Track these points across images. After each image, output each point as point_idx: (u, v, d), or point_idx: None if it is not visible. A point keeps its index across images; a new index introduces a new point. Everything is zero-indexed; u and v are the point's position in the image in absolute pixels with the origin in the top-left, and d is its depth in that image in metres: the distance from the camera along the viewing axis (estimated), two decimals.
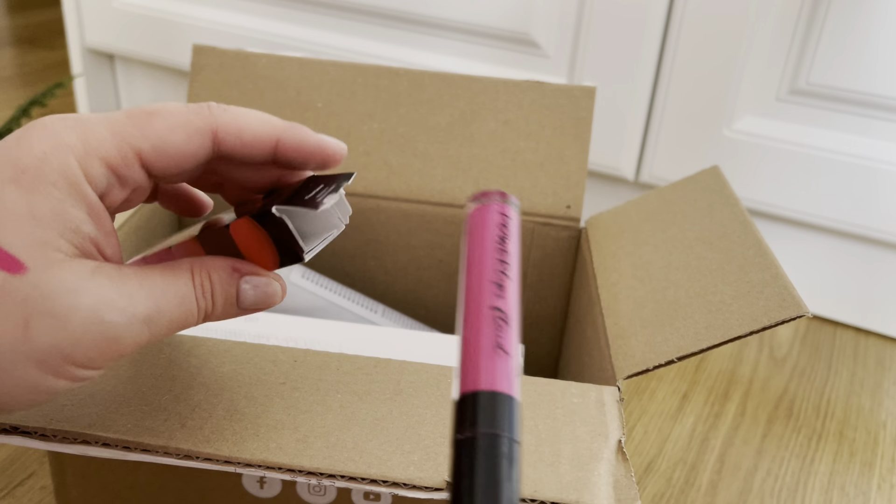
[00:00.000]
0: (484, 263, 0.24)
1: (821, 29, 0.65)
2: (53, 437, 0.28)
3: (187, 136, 0.26)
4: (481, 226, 0.25)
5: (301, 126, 0.28)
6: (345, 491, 0.34)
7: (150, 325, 0.25)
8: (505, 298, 0.23)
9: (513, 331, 0.22)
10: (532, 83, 0.50)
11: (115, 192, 0.26)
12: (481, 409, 0.20)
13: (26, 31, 1.38)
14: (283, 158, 0.28)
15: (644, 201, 0.47)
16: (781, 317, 0.32)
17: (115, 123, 0.25)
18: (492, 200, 0.26)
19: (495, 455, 0.19)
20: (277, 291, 0.28)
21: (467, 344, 0.22)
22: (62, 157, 0.24)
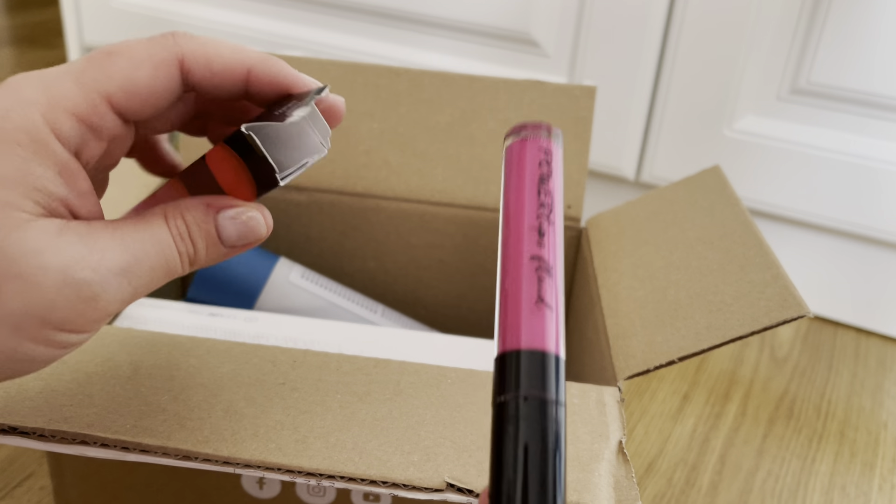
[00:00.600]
0: (523, 207, 0.21)
1: (822, 28, 0.65)
2: (52, 438, 0.28)
3: (154, 70, 0.24)
4: (520, 164, 0.22)
5: (277, 59, 0.26)
6: (344, 492, 0.34)
7: (128, 276, 0.23)
8: (546, 247, 0.21)
9: (556, 282, 0.20)
10: (532, 83, 0.50)
11: (91, 146, 0.24)
12: (525, 369, 0.19)
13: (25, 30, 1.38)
14: (257, 91, 0.26)
15: (645, 201, 0.47)
16: (782, 317, 0.32)
17: (78, 72, 0.24)
18: (532, 134, 0.23)
19: (543, 419, 0.18)
20: (259, 220, 0.26)
21: (506, 297, 0.20)
22: (26, 113, 0.23)
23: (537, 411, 0.18)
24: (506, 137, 0.23)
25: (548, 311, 0.20)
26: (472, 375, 0.33)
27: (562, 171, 0.22)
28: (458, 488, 0.27)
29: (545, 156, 0.22)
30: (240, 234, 0.26)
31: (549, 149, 0.23)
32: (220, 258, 0.26)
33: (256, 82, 0.26)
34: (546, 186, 0.22)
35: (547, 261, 0.20)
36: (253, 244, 0.27)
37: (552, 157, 0.22)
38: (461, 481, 0.27)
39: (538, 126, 0.23)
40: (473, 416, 0.30)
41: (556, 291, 0.20)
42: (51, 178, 0.23)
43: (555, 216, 0.21)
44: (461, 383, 0.32)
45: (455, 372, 0.33)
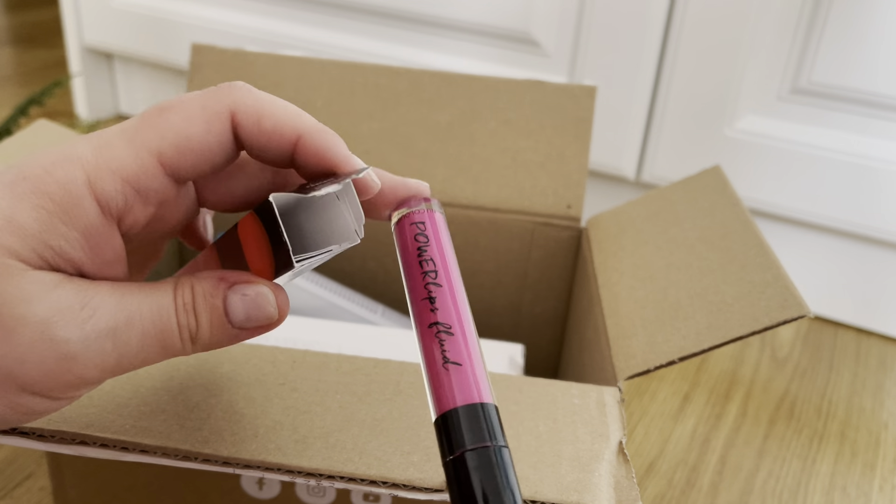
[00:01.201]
0: (412, 283, 0.23)
1: (822, 27, 0.65)
2: (51, 438, 0.28)
3: (206, 123, 0.23)
4: (401, 246, 0.24)
5: (333, 134, 0.24)
6: (344, 492, 0.34)
7: (114, 339, 0.21)
8: (440, 309, 0.22)
9: (459, 338, 0.22)
10: (532, 82, 0.50)
11: (136, 210, 0.23)
12: (455, 428, 0.20)
13: (24, 29, 1.38)
14: (303, 161, 0.24)
15: (645, 201, 0.47)
16: (783, 317, 0.32)
17: (128, 129, 0.22)
18: (402, 212, 0.25)
19: (487, 466, 0.20)
20: (268, 298, 0.24)
21: (425, 366, 0.22)
22: (69, 168, 0.21)
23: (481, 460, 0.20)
24: (393, 215, 0.25)
25: (459, 367, 0.21)
26: None
27: (440, 230, 0.24)
28: None
29: (418, 228, 0.24)
30: (248, 313, 0.23)
31: (421, 220, 0.24)
32: (228, 339, 0.24)
33: (304, 151, 0.24)
34: (425, 255, 0.23)
35: (445, 322, 0.22)
36: (264, 328, 0.24)
37: (425, 226, 0.24)
38: None
39: (406, 203, 0.25)
40: None
41: (461, 346, 0.22)
42: (70, 238, 0.21)
43: (441, 276, 0.23)
44: None
45: None
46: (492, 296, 0.53)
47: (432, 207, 0.25)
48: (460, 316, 0.22)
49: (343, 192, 0.24)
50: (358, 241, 0.25)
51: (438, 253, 0.24)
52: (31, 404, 0.22)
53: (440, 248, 0.24)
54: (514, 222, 0.49)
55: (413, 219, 0.24)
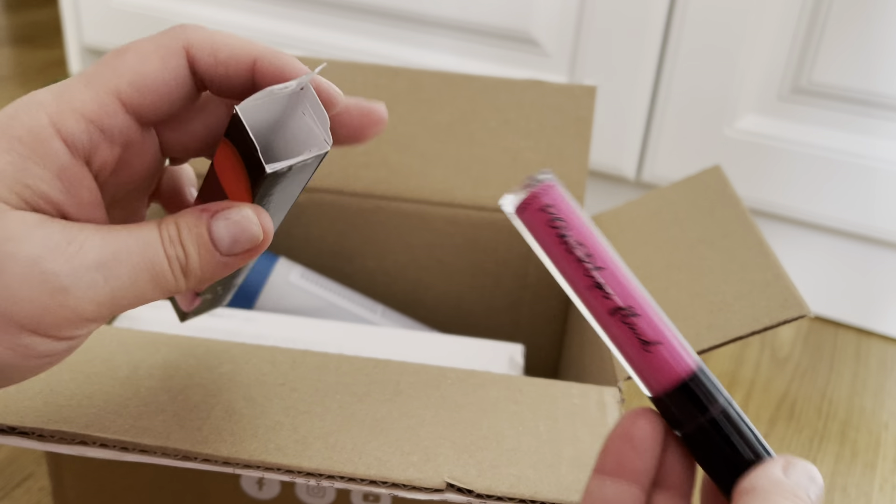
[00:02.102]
0: (570, 276, 0.22)
1: (823, 27, 0.65)
2: (51, 438, 0.28)
3: (162, 60, 0.23)
4: (536, 238, 0.22)
5: (286, 53, 0.25)
6: (344, 492, 0.34)
7: (105, 272, 0.22)
8: (613, 293, 0.21)
9: (644, 317, 0.21)
10: (532, 82, 0.50)
11: (102, 150, 0.23)
12: (676, 403, 0.21)
13: (24, 29, 1.38)
14: (263, 84, 0.25)
15: (645, 201, 0.47)
16: (783, 317, 0.32)
17: (88, 73, 0.23)
18: (520, 197, 0.22)
19: (731, 424, 0.21)
20: (251, 218, 0.24)
21: (621, 352, 0.22)
22: (33, 112, 0.22)
23: (724, 421, 0.21)
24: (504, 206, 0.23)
25: (658, 346, 0.21)
26: (472, 375, 0.32)
27: (571, 202, 0.22)
28: (458, 488, 0.27)
29: (550, 213, 0.22)
30: (232, 236, 0.24)
31: (549, 202, 0.22)
32: (219, 268, 0.24)
33: (262, 73, 0.25)
34: (570, 241, 0.21)
35: (625, 305, 0.21)
36: (251, 252, 0.24)
37: (557, 208, 0.22)
38: (461, 481, 0.27)
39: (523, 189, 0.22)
40: (473, 417, 0.30)
41: (652, 323, 0.21)
42: (45, 178, 0.22)
43: (598, 257, 0.21)
44: (461, 383, 0.32)
45: (455, 372, 0.33)
46: (492, 296, 0.53)
47: (550, 179, 0.22)
48: (635, 291, 0.21)
49: (305, 100, 0.24)
50: (328, 148, 0.24)
51: (583, 232, 0.22)
52: (33, 344, 0.22)
53: (582, 226, 0.22)
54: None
55: (539, 203, 0.22)
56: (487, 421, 0.30)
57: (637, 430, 0.21)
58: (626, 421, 0.22)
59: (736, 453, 0.21)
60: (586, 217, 0.22)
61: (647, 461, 0.21)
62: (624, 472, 0.21)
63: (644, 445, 0.21)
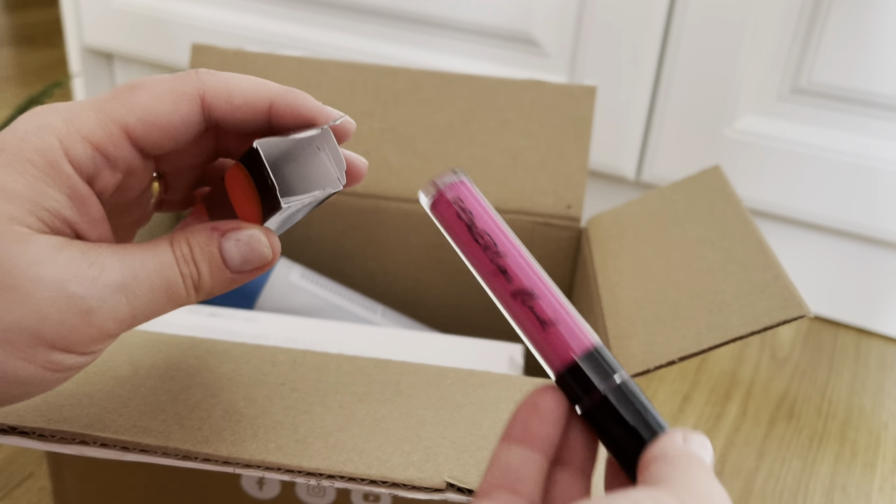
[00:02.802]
0: (475, 260, 0.24)
1: (822, 27, 0.65)
2: (51, 438, 0.28)
3: (174, 104, 0.24)
4: (446, 228, 0.24)
5: (300, 92, 0.26)
6: (344, 492, 0.34)
7: (126, 294, 0.23)
8: (515, 277, 0.23)
9: (544, 298, 0.23)
10: (532, 82, 0.50)
11: (105, 175, 0.24)
12: (580, 377, 0.22)
13: (24, 30, 1.38)
14: (280, 125, 0.26)
15: (645, 201, 0.47)
16: (783, 317, 0.32)
17: (99, 101, 0.24)
18: (432, 193, 0.24)
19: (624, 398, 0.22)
20: (261, 240, 0.25)
21: (523, 333, 0.23)
22: (43, 135, 0.23)
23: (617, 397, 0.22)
24: (421, 200, 0.25)
25: (554, 325, 0.23)
26: (472, 375, 0.32)
27: (478, 195, 0.24)
28: (458, 488, 0.27)
29: (458, 206, 0.24)
30: (243, 256, 0.25)
31: (456, 196, 0.24)
32: (229, 284, 0.26)
33: (279, 115, 0.26)
34: (476, 230, 0.24)
35: (524, 288, 0.23)
36: (260, 269, 0.26)
37: (464, 202, 0.24)
38: (461, 481, 0.27)
39: (433, 184, 0.24)
40: (473, 416, 0.30)
41: (550, 303, 0.23)
42: (59, 199, 0.23)
43: (501, 245, 0.23)
44: (461, 383, 0.32)
45: (455, 372, 0.33)
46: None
47: (459, 176, 0.25)
48: (536, 275, 0.23)
49: (322, 139, 0.26)
50: (340, 187, 0.26)
51: (487, 223, 0.24)
52: (61, 360, 0.23)
53: (487, 216, 0.24)
54: (514, 222, 0.49)
55: (448, 197, 0.24)
56: (487, 421, 0.30)
57: (543, 400, 0.23)
58: (534, 394, 0.23)
59: (632, 428, 0.22)
60: (492, 210, 0.24)
61: (550, 429, 0.22)
62: (529, 438, 0.22)
63: (549, 416, 0.22)
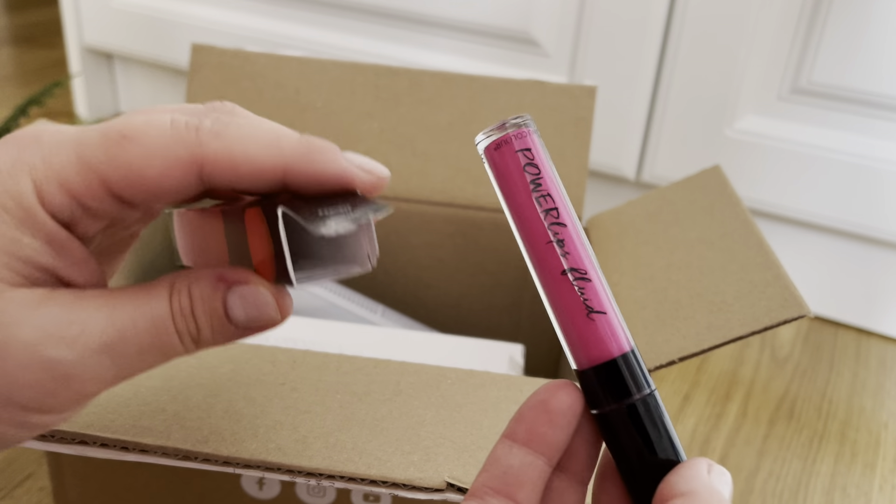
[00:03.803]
0: (528, 224, 0.21)
1: (822, 27, 0.65)
2: (51, 438, 0.28)
3: (164, 168, 0.21)
4: (503, 180, 0.21)
5: (320, 149, 0.22)
6: (344, 492, 0.34)
7: (111, 355, 0.21)
8: (571, 253, 0.20)
9: (596, 283, 0.20)
10: (532, 82, 0.50)
11: (85, 222, 0.22)
12: (612, 379, 0.20)
13: (24, 30, 1.38)
14: (297, 189, 0.23)
15: (645, 201, 0.47)
16: (783, 317, 0.32)
17: (85, 144, 0.21)
18: (494, 136, 0.21)
19: (650, 412, 0.20)
20: (269, 303, 0.23)
21: (560, 317, 0.21)
22: (18, 177, 0.21)
23: (634, 412, 0.20)
24: (477, 142, 0.21)
25: (602, 316, 0.20)
26: (472, 375, 0.32)
27: (547, 158, 0.21)
28: (458, 488, 0.27)
29: (526, 157, 0.21)
30: (248, 314, 0.23)
31: (527, 146, 0.21)
32: (230, 338, 0.23)
33: (296, 182, 0.22)
34: (540, 190, 0.20)
35: (578, 267, 0.20)
36: (266, 328, 0.23)
37: (533, 153, 0.21)
38: (461, 481, 0.27)
39: (500, 127, 0.21)
40: (473, 416, 0.30)
41: (601, 291, 0.20)
42: (36, 248, 0.21)
43: (563, 214, 0.20)
44: (461, 383, 0.32)
45: (455, 372, 0.33)
46: (492, 296, 0.53)
47: (529, 125, 0.21)
48: (591, 257, 0.21)
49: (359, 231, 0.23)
50: (369, 268, 0.24)
51: (553, 185, 0.20)
52: (36, 421, 0.21)
53: (553, 179, 0.21)
54: None
55: (517, 145, 0.20)
56: (487, 421, 0.30)
57: (555, 402, 0.20)
58: (545, 391, 0.21)
59: (650, 444, 0.20)
60: (557, 174, 0.21)
61: (559, 435, 0.21)
62: (534, 442, 0.20)
63: (560, 419, 0.20)
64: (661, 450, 0.20)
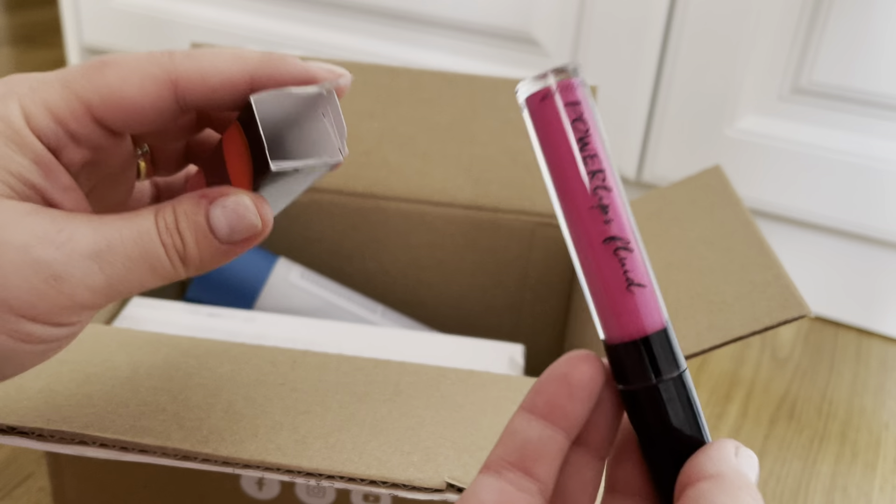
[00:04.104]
0: (572, 190, 0.19)
1: (823, 27, 0.65)
2: (51, 438, 0.28)
3: (141, 87, 0.23)
4: (548, 137, 0.19)
5: (281, 56, 0.24)
6: (344, 492, 0.34)
7: (100, 262, 0.22)
8: (614, 220, 0.19)
9: (637, 255, 0.19)
10: None
11: (70, 149, 0.23)
12: (647, 355, 0.19)
13: (24, 29, 1.38)
14: None
15: (646, 201, 0.47)
16: (783, 317, 0.32)
17: (67, 74, 0.23)
18: (551, 88, 0.19)
19: (681, 392, 0.19)
20: (248, 207, 0.24)
21: (595, 287, 0.19)
22: (7, 102, 0.22)
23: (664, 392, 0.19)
24: (520, 95, 0.19)
25: (641, 289, 0.19)
26: (472, 375, 0.32)
27: (596, 114, 0.19)
28: (458, 488, 0.27)
29: (576, 112, 0.18)
30: (231, 224, 0.24)
31: (576, 100, 0.18)
32: (218, 256, 0.24)
33: (262, 87, 0.24)
34: (588, 150, 0.19)
35: (622, 236, 0.19)
36: (251, 240, 0.24)
37: (582, 109, 0.19)
38: (461, 481, 0.27)
39: (554, 73, 0.19)
40: (473, 416, 0.30)
41: (641, 263, 0.19)
42: (26, 166, 0.22)
43: (608, 178, 0.19)
44: (461, 383, 0.32)
45: (455, 372, 0.33)
46: (492, 296, 0.53)
47: (580, 73, 0.19)
48: (633, 227, 0.19)
49: (326, 102, 0.24)
50: (341, 158, 0.24)
51: (601, 145, 0.19)
52: (31, 330, 0.22)
53: (601, 139, 0.19)
54: (514, 222, 0.49)
55: (565, 97, 0.18)
56: (487, 421, 0.30)
57: (577, 374, 0.20)
58: (567, 363, 0.20)
59: (678, 424, 0.20)
60: (604, 131, 0.19)
61: (579, 409, 0.20)
62: (554, 415, 0.20)
63: (581, 393, 0.20)
64: (689, 430, 0.20)
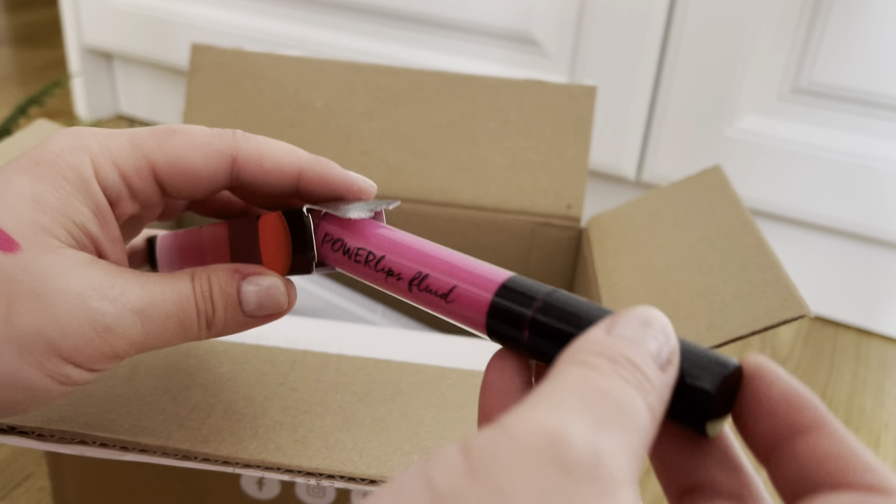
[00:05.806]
0: (370, 278, 0.25)
1: (823, 27, 0.65)
2: (51, 438, 0.28)
3: (205, 157, 0.26)
4: (337, 264, 0.25)
5: (327, 160, 0.27)
6: (344, 492, 0.34)
7: (142, 317, 0.24)
8: (400, 272, 0.24)
9: (433, 275, 0.23)
10: (533, 82, 0.50)
11: (125, 203, 0.26)
12: (502, 326, 0.21)
13: (24, 29, 1.38)
14: (306, 192, 0.27)
15: (645, 201, 0.47)
16: (783, 317, 0.32)
17: (136, 136, 0.25)
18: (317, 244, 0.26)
19: (557, 310, 0.20)
20: (280, 290, 0.26)
21: (440, 315, 0.23)
22: (78, 154, 0.24)
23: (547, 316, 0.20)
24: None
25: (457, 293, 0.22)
26: (472, 375, 0.32)
27: (344, 223, 0.26)
28: None
29: (329, 242, 0.26)
30: (260, 302, 0.26)
31: (324, 235, 0.26)
32: (241, 326, 0.26)
33: (307, 183, 0.27)
34: (350, 252, 0.25)
35: (412, 276, 0.23)
36: (274, 316, 0.27)
37: (331, 234, 0.26)
38: None
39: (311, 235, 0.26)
40: (473, 416, 0.30)
41: (441, 277, 0.23)
42: (87, 215, 0.24)
43: (374, 252, 0.24)
44: (461, 383, 0.32)
45: (455, 372, 0.33)
46: None
47: (320, 216, 0.26)
48: (417, 259, 0.23)
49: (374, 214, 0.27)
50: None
51: (357, 240, 0.25)
52: (70, 373, 0.23)
53: (356, 236, 0.25)
54: (514, 222, 0.49)
55: (320, 239, 0.26)
56: None
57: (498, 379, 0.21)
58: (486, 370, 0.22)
59: (572, 335, 0.19)
60: (363, 223, 0.25)
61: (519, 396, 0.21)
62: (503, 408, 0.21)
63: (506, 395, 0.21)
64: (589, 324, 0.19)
